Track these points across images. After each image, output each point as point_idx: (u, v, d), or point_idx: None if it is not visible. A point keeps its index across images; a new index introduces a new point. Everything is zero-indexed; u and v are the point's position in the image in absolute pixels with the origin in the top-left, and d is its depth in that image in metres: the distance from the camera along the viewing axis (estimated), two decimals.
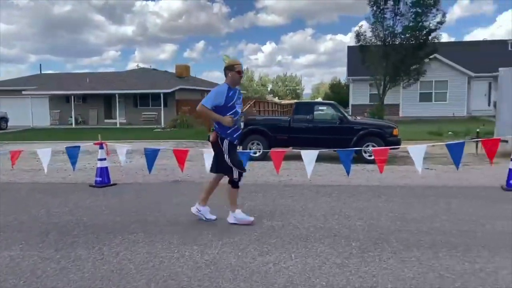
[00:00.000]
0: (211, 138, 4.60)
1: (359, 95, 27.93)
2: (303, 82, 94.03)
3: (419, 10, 20.93)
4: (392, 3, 21.36)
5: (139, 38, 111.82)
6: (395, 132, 10.27)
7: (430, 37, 21.49)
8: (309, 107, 11.40)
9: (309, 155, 6.74)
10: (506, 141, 8.90)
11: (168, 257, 3.73)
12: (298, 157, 6.76)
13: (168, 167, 9.19)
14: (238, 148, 4.91)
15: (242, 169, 4.65)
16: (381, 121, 12.67)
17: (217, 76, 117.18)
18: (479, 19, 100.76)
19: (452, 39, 55.70)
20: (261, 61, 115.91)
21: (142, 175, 8.41)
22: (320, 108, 11.88)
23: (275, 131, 10.91)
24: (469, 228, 4.40)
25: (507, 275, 3.23)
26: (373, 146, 9.72)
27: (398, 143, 10.07)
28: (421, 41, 21.31)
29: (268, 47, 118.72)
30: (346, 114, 11.06)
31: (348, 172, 6.60)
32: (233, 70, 4.56)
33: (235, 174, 4.58)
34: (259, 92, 70.08)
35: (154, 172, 8.37)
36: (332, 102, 12.46)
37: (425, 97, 26.48)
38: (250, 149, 10.56)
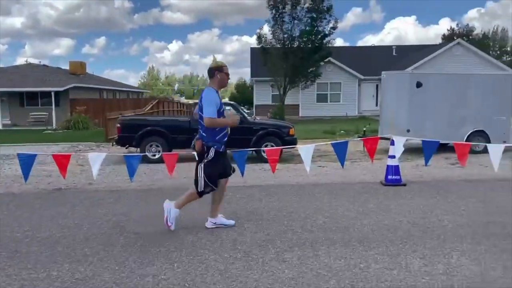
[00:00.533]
0: (196, 148, 4.31)
1: (262, 95, 28.64)
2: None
3: (314, 16, 22.13)
4: (290, 7, 22.26)
5: (29, 31, 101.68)
6: (291, 131, 10.65)
7: (324, 41, 22.83)
8: None
9: None
10: (388, 139, 9.74)
11: (31, 279, 3.29)
12: None
13: (54, 174, 8.35)
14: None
15: (213, 186, 4.34)
16: (278, 122, 13.05)
17: (121, 74, 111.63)
18: (370, 26, 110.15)
19: (347, 44, 60.22)
20: (167, 59, 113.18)
21: (20, 183, 7.51)
22: None
23: (175, 132, 10.62)
24: (348, 224, 4.64)
25: (379, 270, 3.42)
26: (272, 146, 9.96)
27: (294, 142, 10.44)
28: (316, 45, 22.54)
29: (175, 45, 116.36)
30: (245, 115, 11.19)
31: (242, 173, 6.57)
32: (222, 71, 4.38)
33: (200, 187, 4.30)
34: (165, 92, 68.32)
35: (35, 180, 7.56)
36: (233, 102, 12.54)
37: (321, 98, 28.11)
38: (148, 152, 10.19)
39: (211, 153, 4.26)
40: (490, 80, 11.04)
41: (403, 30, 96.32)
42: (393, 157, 6.93)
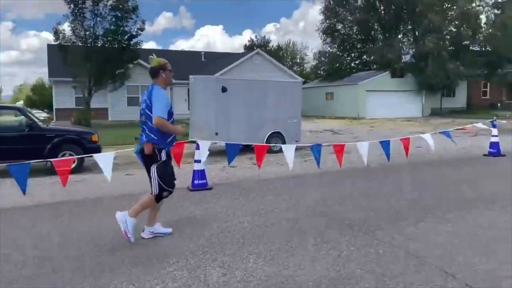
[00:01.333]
0: (146, 151, 4.00)
1: (64, 98, 25.68)
2: (1, 82, 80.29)
3: (119, 15, 20.92)
4: (91, 3, 20.46)
5: None
6: (94, 138, 9.71)
7: (132, 43, 21.83)
8: None
9: None
10: (195, 142, 9.74)
11: None
12: None
13: None
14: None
15: (169, 189, 4.09)
16: (79, 128, 11.81)
17: None
18: (181, 31, 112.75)
19: (160, 47, 59.89)
20: None
21: None
22: (2, 113, 10.00)
23: None
24: (147, 241, 4.20)
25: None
26: (71, 155, 8.88)
27: (98, 150, 9.48)
28: (123, 45, 21.36)
29: None
30: (36, 120, 9.66)
31: (23, 191, 5.44)
32: (166, 69, 4.18)
33: (155, 190, 4.02)
34: None
35: None
36: (18, 106, 10.73)
37: (132, 101, 26.93)
38: None
39: (163, 155, 4.06)
40: (283, 87, 12.29)
41: (212, 38, 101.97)
42: (199, 161, 6.86)
